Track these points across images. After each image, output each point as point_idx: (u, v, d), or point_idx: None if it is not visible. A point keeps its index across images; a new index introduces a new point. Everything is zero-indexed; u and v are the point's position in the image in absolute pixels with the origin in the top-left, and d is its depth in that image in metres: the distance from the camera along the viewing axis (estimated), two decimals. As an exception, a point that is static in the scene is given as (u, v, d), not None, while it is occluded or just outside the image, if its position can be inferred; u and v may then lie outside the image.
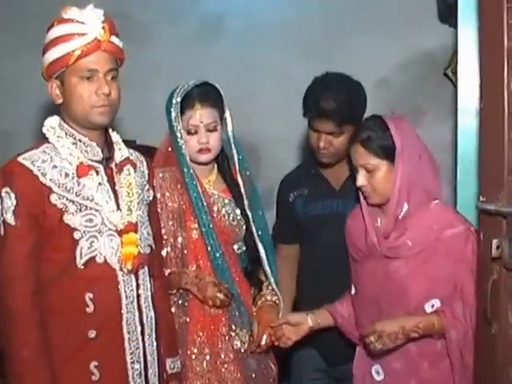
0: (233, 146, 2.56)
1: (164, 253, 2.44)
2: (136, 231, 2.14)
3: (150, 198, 2.31)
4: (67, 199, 2.05)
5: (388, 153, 2.20)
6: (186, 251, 2.47)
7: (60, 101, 2.11)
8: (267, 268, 2.56)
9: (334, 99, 2.63)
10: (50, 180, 2.04)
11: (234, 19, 4.03)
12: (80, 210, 2.06)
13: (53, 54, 2.05)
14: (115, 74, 2.11)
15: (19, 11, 4.07)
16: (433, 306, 2.17)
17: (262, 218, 2.60)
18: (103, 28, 2.05)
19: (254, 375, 2.50)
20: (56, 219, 2.04)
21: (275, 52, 3.92)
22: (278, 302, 2.57)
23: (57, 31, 2.05)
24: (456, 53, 2.48)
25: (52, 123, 2.13)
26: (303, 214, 2.81)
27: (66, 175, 2.07)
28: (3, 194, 2.02)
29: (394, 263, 2.22)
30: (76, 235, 2.05)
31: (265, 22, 3.97)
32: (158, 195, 2.44)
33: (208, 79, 2.53)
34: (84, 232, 2.06)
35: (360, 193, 2.31)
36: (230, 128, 2.55)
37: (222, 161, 2.60)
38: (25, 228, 2.01)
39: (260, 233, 2.56)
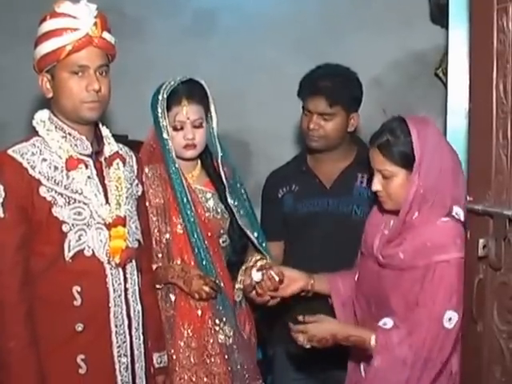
0: (216, 142, 2.57)
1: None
2: (124, 225, 2.15)
3: (139, 193, 2.32)
4: (56, 192, 2.05)
5: (407, 161, 2.08)
6: (171, 246, 2.49)
7: (50, 95, 2.12)
8: (260, 247, 2.56)
9: (328, 78, 2.68)
10: (39, 173, 2.05)
11: (227, 15, 4.02)
12: (69, 203, 2.07)
13: (44, 48, 2.05)
14: (106, 69, 2.11)
15: (11, 4, 4.05)
16: (385, 324, 2.11)
17: (247, 210, 2.61)
18: (95, 24, 2.05)
19: (239, 369, 2.50)
20: (45, 212, 2.04)
21: (268, 48, 3.92)
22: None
23: (49, 25, 2.05)
24: (447, 53, 2.50)
25: (42, 117, 2.14)
26: (293, 211, 2.79)
27: (56, 168, 2.08)
28: None
29: (384, 271, 2.18)
30: (64, 228, 2.06)
31: (258, 18, 3.97)
32: (146, 191, 2.44)
33: (200, 75, 2.54)
34: (72, 225, 2.07)
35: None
36: (214, 124, 2.55)
37: (205, 157, 2.61)
38: (13, 220, 2.02)
39: (246, 224, 2.56)
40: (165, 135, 2.48)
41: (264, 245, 2.61)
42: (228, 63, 3.92)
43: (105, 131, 2.25)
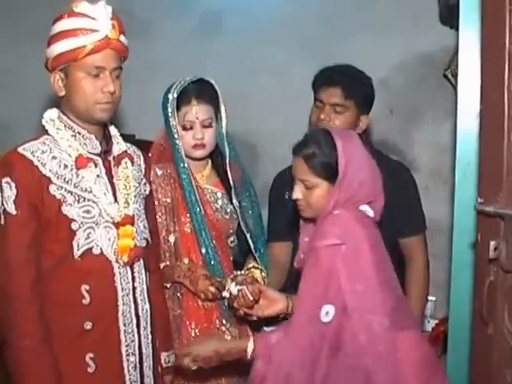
0: (225, 142, 2.56)
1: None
2: (133, 224, 2.16)
3: (147, 192, 2.32)
4: (66, 190, 2.06)
5: (331, 174, 2.10)
6: (178, 245, 2.50)
7: (62, 93, 2.11)
8: (255, 253, 2.55)
9: (346, 73, 2.71)
10: (50, 171, 2.05)
11: (233, 16, 4.03)
12: (78, 201, 2.07)
13: (61, 47, 2.04)
14: (120, 72, 2.13)
15: (15, 3, 4.05)
16: (327, 313, 2.04)
17: (254, 211, 2.62)
18: (113, 26, 2.05)
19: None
20: (54, 209, 2.05)
21: (274, 50, 3.92)
22: (263, 275, 2.54)
23: (66, 24, 2.05)
24: (456, 54, 2.49)
25: (51, 115, 2.14)
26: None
27: (65, 166, 2.08)
28: (4, 184, 2.02)
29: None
30: (74, 226, 2.06)
31: (264, 19, 3.97)
32: (154, 190, 2.45)
33: (207, 75, 2.54)
34: (81, 223, 2.07)
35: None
36: (224, 124, 2.55)
37: (215, 156, 2.61)
38: (25, 217, 2.02)
39: (251, 225, 2.57)
40: (174, 135, 2.48)
41: (262, 251, 2.60)
42: (235, 64, 3.92)
43: (113, 130, 2.26)
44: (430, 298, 3.12)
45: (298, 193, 2.16)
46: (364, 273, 2.04)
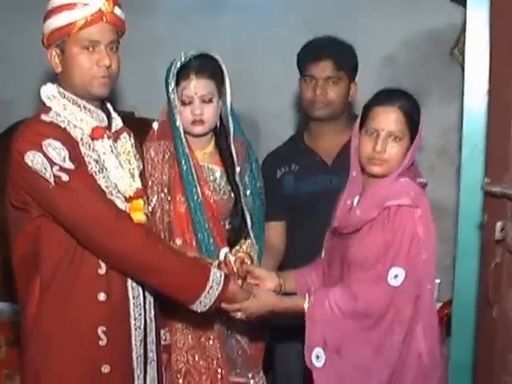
0: (230, 118, 2.51)
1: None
2: (143, 198, 2.16)
3: (141, 168, 2.30)
4: (91, 157, 2.04)
5: (415, 130, 2.16)
6: (172, 225, 2.45)
7: (59, 69, 2.09)
8: (250, 230, 2.52)
9: (333, 45, 2.75)
10: (75, 136, 2.03)
11: (239, -9, 3.95)
12: (99, 171, 2.05)
13: (55, 22, 2.03)
14: (116, 45, 2.10)
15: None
16: (396, 276, 2.08)
17: (257, 189, 2.58)
18: None
19: (237, 357, 2.48)
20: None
21: (279, 27, 3.85)
22: (252, 254, 2.52)
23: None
24: (463, 32, 2.44)
25: (51, 92, 2.09)
26: (294, 192, 2.78)
27: (81, 138, 2.05)
28: (47, 148, 1.95)
29: (344, 241, 2.19)
30: None
31: (270, -4, 3.89)
32: (149, 168, 2.43)
33: (210, 52, 2.49)
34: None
35: (352, 162, 2.25)
36: (228, 100, 2.49)
37: (219, 133, 2.55)
38: (85, 169, 2.00)
39: (250, 206, 2.53)
40: (174, 110, 2.43)
41: (258, 232, 2.56)
42: (239, 41, 3.86)
43: (109, 107, 2.23)
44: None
45: (382, 145, 2.13)
46: (430, 243, 2.10)
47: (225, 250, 2.41)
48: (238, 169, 2.51)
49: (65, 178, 1.94)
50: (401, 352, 2.10)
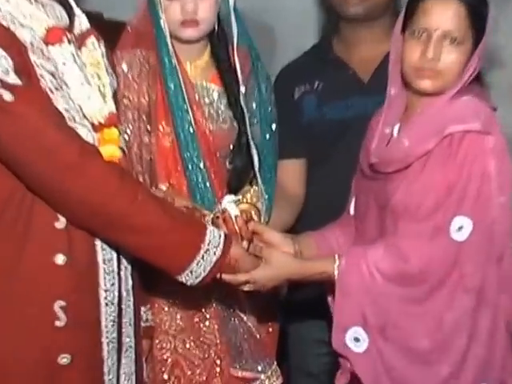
0: (232, 19, 2.16)
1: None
2: (117, 126, 1.84)
3: (115, 86, 1.95)
4: (45, 69, 1.72)
5: (481, 33, 1.87)
6: (155, 164, 2.15)
7: None
8: (258, 172, 2.22)
9: None
10: (25, 40, 1.69)
11: None
12: (56, 89, 1.73)
13: None
14: None
15: None
16: (460, 228, 1.81)
17: (266, 116, 2.29)
18: None
19: (242, 344, 2.18)
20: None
21: None
22: (260, 206, 2.24)
23: None
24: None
25: None
26: (316, 118, 2.47)
27: (31, 43, 1.71)
28: None
29: (387, 185, 1.91)
30: None
31: None
32: (121, 87, 2.10)
33: None
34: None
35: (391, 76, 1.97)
36: (231, -5, 2.17)
37: (217, 40, 2.22)
38: (35, 84, 1.68)
39: (258, 138, 2.23)
40: (157, 6, 2.13)
41: (267, 175, 2.27)
42: None
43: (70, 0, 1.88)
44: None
45: (436, 50, 1.84)
46: (507, 182, 1.84)
47: (229, 197, 2.10)
48: (242, 88, 2.18)
49: (8, 97, 1.62)
50: (475, 330, 1.84)
